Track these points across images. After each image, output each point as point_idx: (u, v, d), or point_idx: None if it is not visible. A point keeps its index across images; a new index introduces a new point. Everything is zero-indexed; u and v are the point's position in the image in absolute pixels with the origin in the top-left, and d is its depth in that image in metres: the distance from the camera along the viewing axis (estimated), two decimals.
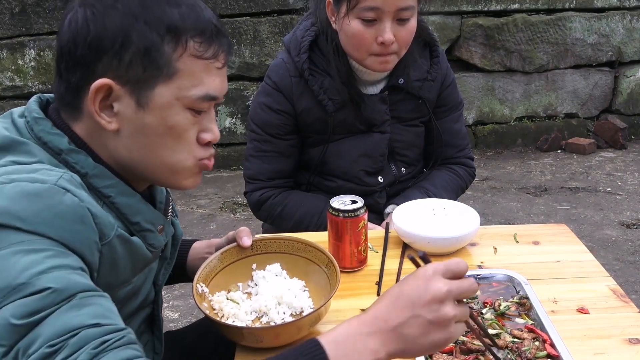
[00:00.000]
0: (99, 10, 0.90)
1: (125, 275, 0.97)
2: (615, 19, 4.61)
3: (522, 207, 3.76)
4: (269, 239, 1.28)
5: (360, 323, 0.85)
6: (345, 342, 0.83)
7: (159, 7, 0.91)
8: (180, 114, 0.95)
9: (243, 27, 4.26)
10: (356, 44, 1.59)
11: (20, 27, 4.12)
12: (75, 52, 0.91)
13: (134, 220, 0.97)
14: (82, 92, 0.92)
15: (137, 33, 0.90)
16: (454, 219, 1.49)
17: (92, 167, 0.93)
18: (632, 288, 2.83)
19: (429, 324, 0.85)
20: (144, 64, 0.91)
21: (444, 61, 1.81)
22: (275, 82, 1.72)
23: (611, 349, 1.09)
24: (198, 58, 0.94)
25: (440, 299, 0.85)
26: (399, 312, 0.85)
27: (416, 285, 0.86)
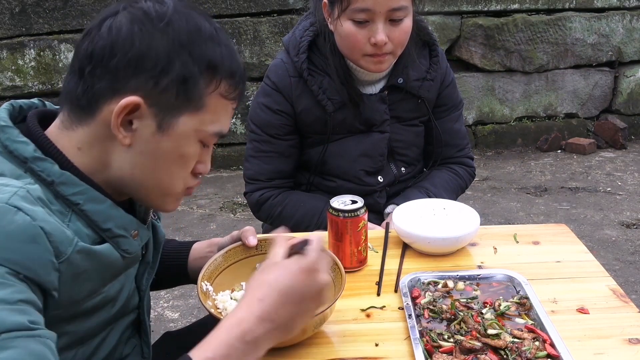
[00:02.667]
0: (148, 30, 0.90)
1: (91, 287, 0.94)
2: (615, 19, 4.61)
3: (522, 207, 3.76)
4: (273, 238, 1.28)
5: (243, 331, 0.84)
6: (224, 357, 0.82)
7: (204, 42, 0.93)
8: (192, 145, 0.97)
9: (243, 27, 4.26)
10: (349, 45, 1.59)
11: (20, 27, 4.12)
12: (110, 61, 0.90)
13: (105, 227, 0.95)
14: (102, 99, 0.92)
15: (180, 62, 0.91)
16: (454, 219, 1.49)
17: (59, 175, 0.91)
18: (632, 288, 2.83)
19: (310, 313, 0.92)
20: (178, 92, 0.92)
21: (444, 61, 1.81)
22: (274, 82, 1.72)
23: (611, 349, 1.09)
24: (224, 98, 0.97)
25: (324, 290, 0.92)
26: (288, 309, 0.88)
27: (306, 280, 0.90)
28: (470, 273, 1.30)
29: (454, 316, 1.16)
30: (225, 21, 4.25)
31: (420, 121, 1.82)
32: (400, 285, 1.26)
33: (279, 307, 0.87)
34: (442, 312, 1.17)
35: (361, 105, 1.70)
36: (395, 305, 1.24)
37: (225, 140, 4.47)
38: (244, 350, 0.83)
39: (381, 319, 1.20)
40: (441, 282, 1.27)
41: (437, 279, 1.29)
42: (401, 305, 1.21)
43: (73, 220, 0.91)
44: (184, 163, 0.98)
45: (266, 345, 0.87)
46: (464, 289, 1.26)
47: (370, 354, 1.09)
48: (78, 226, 0.91)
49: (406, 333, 1.13)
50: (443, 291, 1.25)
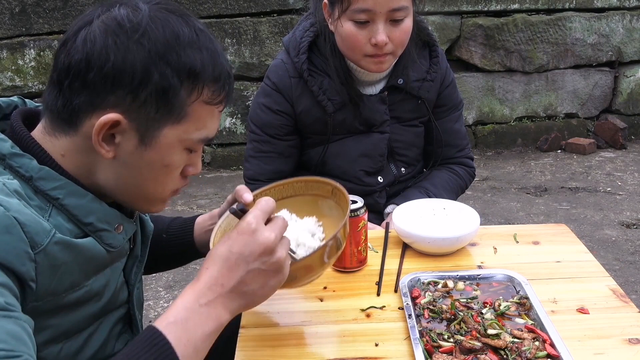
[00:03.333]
0: (123, 42, 0.88)
1: (73, 279, 0.93)
2: (615, 19, 4.61)
3: (522, 207, 3.76)
4: (268, 189, 1.25)
5: (196, 296, 0.87)
6: (185, 320, 0.85)
7: (183, 50, 0.90)
8: (178, 154, 0.96)
9: (243, 27, 4.26)
10: (350, 45, 1.59)
11: (20, 27, 4.12)
12: (87, 75, 0.88)
13: (87, 221, 0.94)
14: (83, 114, 0.90)
15: (158, 74, 0.89)
16: (454, 219, 1.49)
17: (37, 170, 0.90)
18: (632, 288, 2.83)
19: (265, 274, 0.91)
20: (158, 105, 0.90)
21: (444, 61, 1.81)
22: (274, 82, 1.72)
23: (611, 349, 1.09)
24: (207, 104, 0.95)
25: (270, 248, 0.91)
26: (234, 272, 0.89)
27: (244, 241, 0.91)
28: (470, 273, 1.30)
29: (454, 316, 1.16)
30: (225, 21, 4.25)
31: (420, 122, 1.82)
32: (400, 285, 1.26)
33: (224, 272, 0.89)
34: (442, 312, 1.17)
35: (361, 105, 1.70)
36: (395, 305, 1.24)
37: (225, 140, 4.47)
38: (202, 314, 0.86)
39: (381, 319, 1.20)
40: (441, 282, 1.27)
41: (437, 279, 1.28)
42: (401, 305, 1.21)
43: (53, 215, 0.91)
44: (170, 172, 0.97)
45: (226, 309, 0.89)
46: (464, 289, 1.26)
47: (370, 354, 1.09)
48: (59, 221, 0.91)
49: (406, 333, 1.13)
50: (443, 291, 1.24)
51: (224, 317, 0.88)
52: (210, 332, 0.87)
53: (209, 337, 0.87)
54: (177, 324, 0.83)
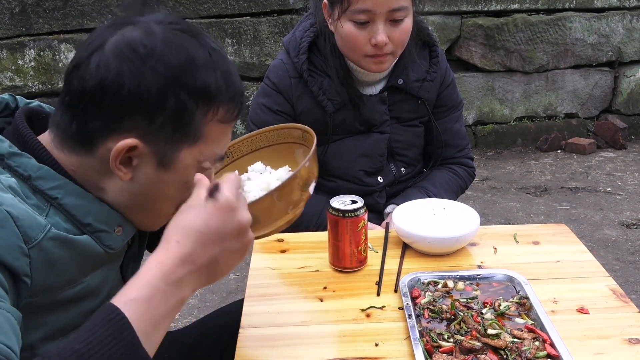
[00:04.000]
0: (137, 67, 0.87)
1: (69, 276, 0.92)
2: (615, 19, 4.61)
3: (522, 207, 3.76)
4: (240, 141, 1.25)
5: (163, 272, 0.81)
6: (148, 298, 0.80)
7: (197, 72, 0.90)
8: (195, 173, 0.95)
9: (243, 27, 4.26)
10: (350, 46, 1.60)
11: (20, 27, 4.12)
12: (102, 101, 0.87)
13: (85, 222, 0.93)
14: (98, 138, 0.90)
15: (174, 97, 0.88)
16: (454, 219, 1.49)
17: (36, 169, 0.90)
18: (632, 288, 2.83)
19: (235, 253, 0.89)
20: (175, 128, 0.90)
21: (444, 61, 1.81)
22: (274, 82, 1.72)
23: (611, 349, 1.09)
24: (222, 123, 0.95)
25: (245, 227, 0.89)
26: (208, 250, 0.86)
27: (223, 218, 0.87)
28: (470, 273, 1.30)
29: (454, 316, 1.16)
30: (225, 21, 4.25)
31: (420, 122, 1.82)
32: (400, 285, 1.26)
33: (198, 249, 0.85)
34: (442, 312, 1.17)
35: (361, 106, 1.70)
36: (395, 305, 1.24)
37: None
38: (167, 291, 0.81)
39: (381, 319, 1.20)
40: (441, 282, 1.27)
41: (437, 279, 1.28)
42: (401, 305, 1.21)
43: (51, 214, 0.90)
44: (187, 189, 0.96)
45: (190, 286, 0.85)
46: (464, 289, 1.26)
47: (370, 354, 1.09)
48: (57, 220, 0.90)
49: (406, 333, 1.13)
50: (443, 291, 1.24)
51: (187, 294, 0.85)
52: (172, 309, 0.83)
53: (171, 314, 0.83)
54: (138, 301, 0.79)
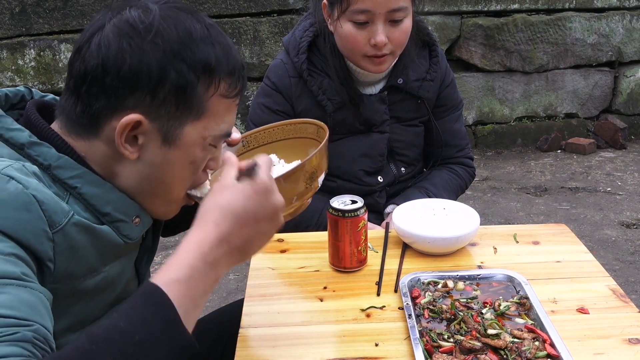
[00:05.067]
0: (137, 44, 0.88)
1: (91, 264, 0.93)
2: (615, 19, 4.61)
3: (522, 207, 3.76)
4: (257, 131, 1.26)
5: (203, 253, 0.83)
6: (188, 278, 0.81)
7: (196, 46, 0.91)
8: (202, 151, 0.96)
9: (243, 27, 4.26)
10: (350, 46, 1.60)
11: (20, 27, 4.12)
12: (104, 80, 0.88)
13: (104, 211, 0.94)
14: (103, 118, 0.91)
15: (175, 71, 0.89)
16: (454, 219, 1.49)
17: (56, 158, 0.91)
18: (632, 288, 2.83)
19: (267, 234, 0.90)
20: (178, 103, 0.91)
21: (443, 61, 1.81)
22: (274, 82, 1.72)
23: (611, 349, 1.09)
24: (225, 97, 0.95)
25: (279, 211, 0.90)
26: (244, 230, 0.87)
27: (260, 201, 0.88)
28: (470, 273, 1.30)
29: (454, 316, 1.16)
30: (225, 21, 4.24)
31: (420, 121, 1.82)
32: (400, 285, 1.26)
33: (234, 230, 0.86)
34: (442, 312, 1.17)
35: (361, 105, 1.70)
36: (395, 305, 1.24)
37: None
38: (205, 271, 0.83)
39: (381, 319, 1.20)
40: (441, 282, 1.27)
41: (437, 279, 1.28)
42: (401, 305, 1.21)
43: (71, 203, 0.91)
44: (195, 168, 0.98)
45: (226, 266, 0.86)
46: (464, 289, 1.26)
47: (370, 354, 1.09)
48: (76, 209, 0.91)
49: (406, 333, 1.13)
50: (443, 291, 1.24)
51: (222, 274, 0.87)
52: (209, 288, 0.84)
53: (207, 293, 0.84)
54: (180, 282, 0.80)
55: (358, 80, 1.71)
